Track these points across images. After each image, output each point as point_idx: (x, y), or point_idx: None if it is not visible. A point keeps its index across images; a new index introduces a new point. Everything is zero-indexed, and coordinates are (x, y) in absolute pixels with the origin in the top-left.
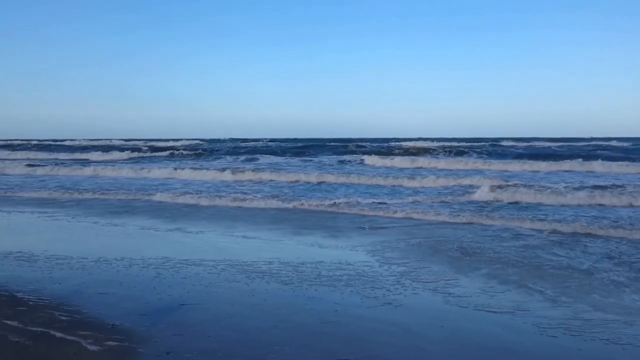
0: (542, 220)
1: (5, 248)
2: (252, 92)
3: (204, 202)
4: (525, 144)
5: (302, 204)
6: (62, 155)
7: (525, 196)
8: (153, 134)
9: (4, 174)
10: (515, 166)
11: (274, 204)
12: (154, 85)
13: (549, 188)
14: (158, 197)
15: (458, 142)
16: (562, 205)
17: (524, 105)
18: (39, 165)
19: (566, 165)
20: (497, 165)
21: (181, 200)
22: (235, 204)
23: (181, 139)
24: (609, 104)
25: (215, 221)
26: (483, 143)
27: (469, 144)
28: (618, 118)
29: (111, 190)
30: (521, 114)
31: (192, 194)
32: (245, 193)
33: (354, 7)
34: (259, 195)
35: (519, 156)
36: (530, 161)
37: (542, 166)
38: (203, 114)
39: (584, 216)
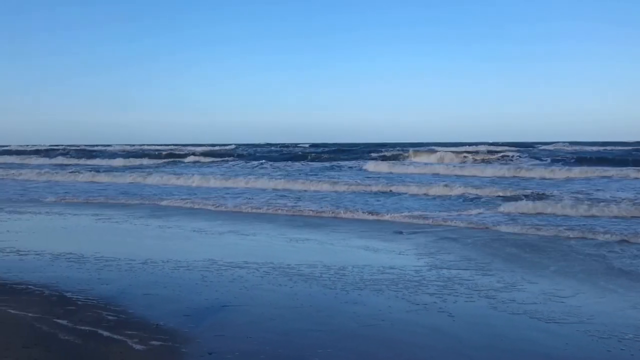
0: (592, 230)
1: (58, 249)
2: (279, 98)
3: (263, 210)
4: (575, 147)
5: (350, 211)
6: (100, 162)
7: (568, 210)
8: (173, 139)
9: (77, 182)
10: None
11: (328, 211)
12: (164, 89)
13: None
14: (231, 205)
15: (508, 146)
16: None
17: (568, 107)
18: (103, 172)
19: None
20: (538, 172)
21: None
22: (289, 212)
23: (216, 145)
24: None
25: (271, 225)
26: (535, 148)
27: (520, 149)
28: None
29: (177, 196)
30: (563, 116)
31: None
32: (301, 200)
33: (385, 13)
34: (310, 202)
35: (569, 162)
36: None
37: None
38: (210, 119)
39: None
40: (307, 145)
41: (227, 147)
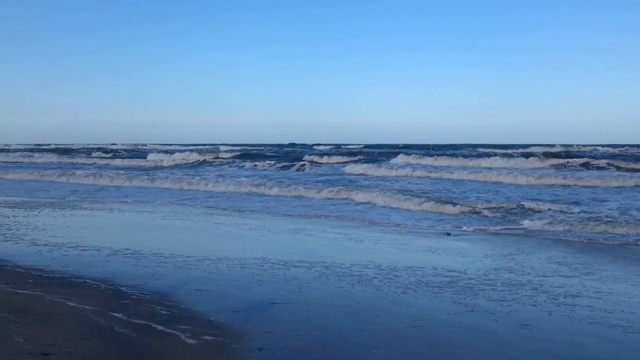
0: None
1: (118, 245)
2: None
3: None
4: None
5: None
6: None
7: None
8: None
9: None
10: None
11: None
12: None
13: None
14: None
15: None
16: None
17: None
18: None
19: None
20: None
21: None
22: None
23: (263, 145)
24: None
25: (321, 227)
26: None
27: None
28: None
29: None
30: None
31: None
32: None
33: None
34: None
35: None
36: None
37: None
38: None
39: None
40: (363, 145)
41: (259, 148)
